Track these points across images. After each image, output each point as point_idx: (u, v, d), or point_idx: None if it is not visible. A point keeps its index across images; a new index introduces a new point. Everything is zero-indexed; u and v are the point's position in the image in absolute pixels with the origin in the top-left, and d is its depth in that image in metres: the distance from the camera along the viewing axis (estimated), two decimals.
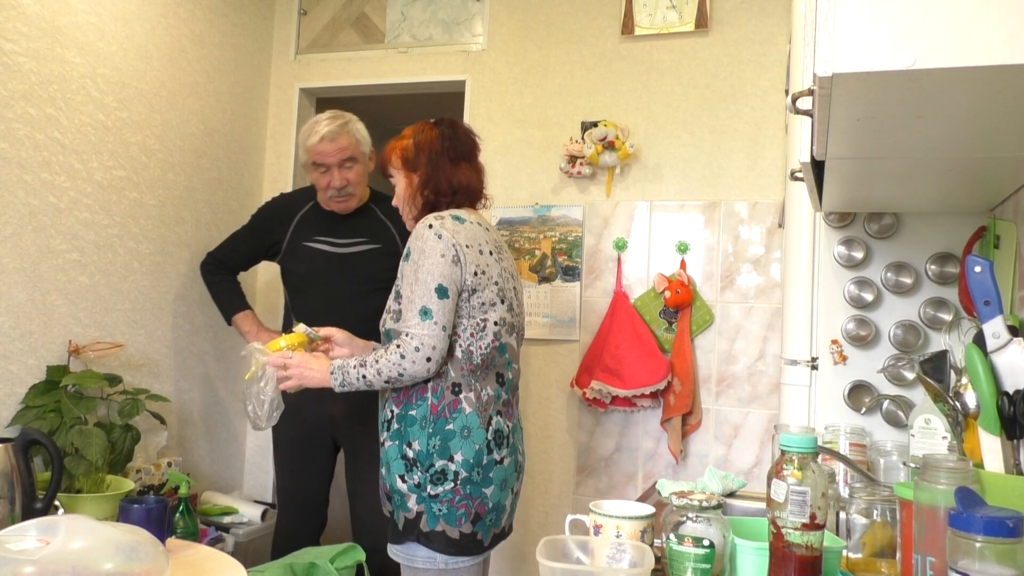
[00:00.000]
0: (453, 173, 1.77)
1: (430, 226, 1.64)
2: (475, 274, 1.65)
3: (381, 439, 1.72)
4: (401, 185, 1.80)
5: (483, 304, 1.67)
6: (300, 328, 1.87)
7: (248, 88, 3.23)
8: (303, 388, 1.79)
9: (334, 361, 1.72)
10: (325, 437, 2.44)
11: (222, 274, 2.63)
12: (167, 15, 2.75)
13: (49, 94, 2.27)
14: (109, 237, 2.50)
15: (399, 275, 1.70)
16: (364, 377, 1.64)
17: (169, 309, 2.78)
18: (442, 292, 1.60)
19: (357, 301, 2.37)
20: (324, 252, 2.44)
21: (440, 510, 1.62)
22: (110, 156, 2.50)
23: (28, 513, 1.68)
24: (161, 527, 1.71)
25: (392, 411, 1.70)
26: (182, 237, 2.84)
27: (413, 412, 1.66)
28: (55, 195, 2.30)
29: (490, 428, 1.67)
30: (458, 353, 1.66)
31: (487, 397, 1.68)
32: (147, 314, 2.68)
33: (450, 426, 1.63)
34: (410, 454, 1.64)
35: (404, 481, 1.64)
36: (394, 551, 1.70)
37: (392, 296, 1.73)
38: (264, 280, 3.25)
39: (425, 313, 1.59)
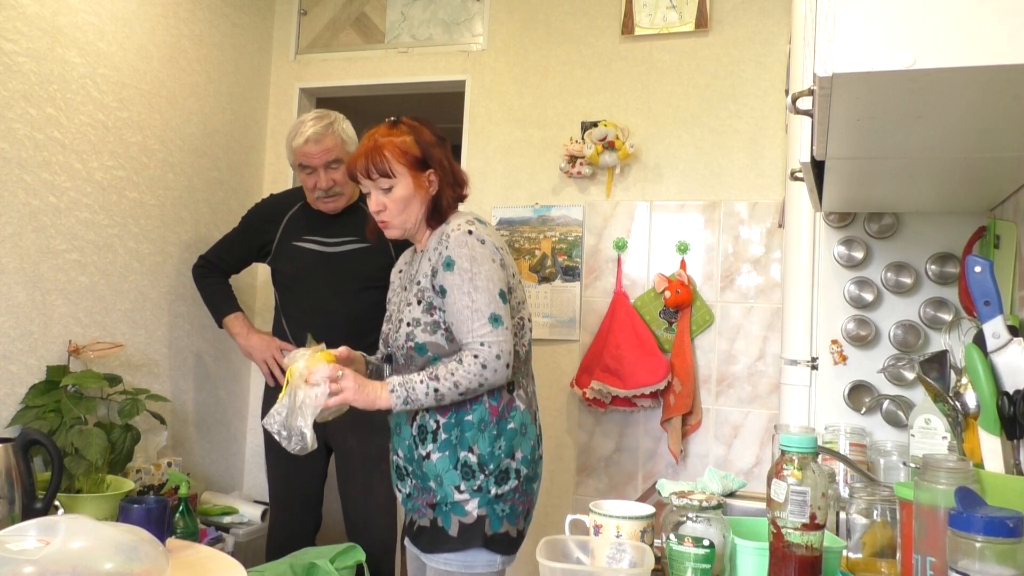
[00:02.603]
0: (459, 168, 1.76)
1: (470, 232, 1.59)
2: (513, 275, 1.66)
3: (422, 451, 1.61)
4: (406, 186, 1.66)
5: (519, 303, 1.67)
6: (315, 346, 1.69)
7: (248, 88, 3.23)
8: (346, 408, 1.61)
9: (392, 379, 1.57)
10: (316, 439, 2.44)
11: (214, 276, 2.63)
12: (167, 15, 2.75)
13: (49, 94, 2.27)
14: (109, 237, 2.50)
15: (431, 286, 1.61)
16: (436, 391, 1.53)
17: (169, 309, 2.78)
18: (504, 297, 1.58)
19: (346, 300, 2.37)
20: (313, 251, 2.44)
21: (503, 510, 1.59)
22: (110, 156, 2.50)
23: (28, 513, 1.68)
24: (161, 527, 1.71)
25: (437, 421, 1.61)
26: (182, 237, 2.84)
27: (469, 417, 1.59)
28: (55, 195, 2.30)
29: (537, 424, 1.69)
30: None
31: (531, 392, 1.70)
32: (147, 314, 2.68)
33: (511, 425, 1.62)
34: (472, 459, 1.58)
35: (462, 491, 1.58)
36: (447, 560, 1.58)
37: (420, 307, 1.62)
38: (263, 279, 3.25)
39: (496, 320, 1.55)
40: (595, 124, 2.90)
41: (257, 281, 3.25)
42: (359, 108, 3.79)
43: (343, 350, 1.67)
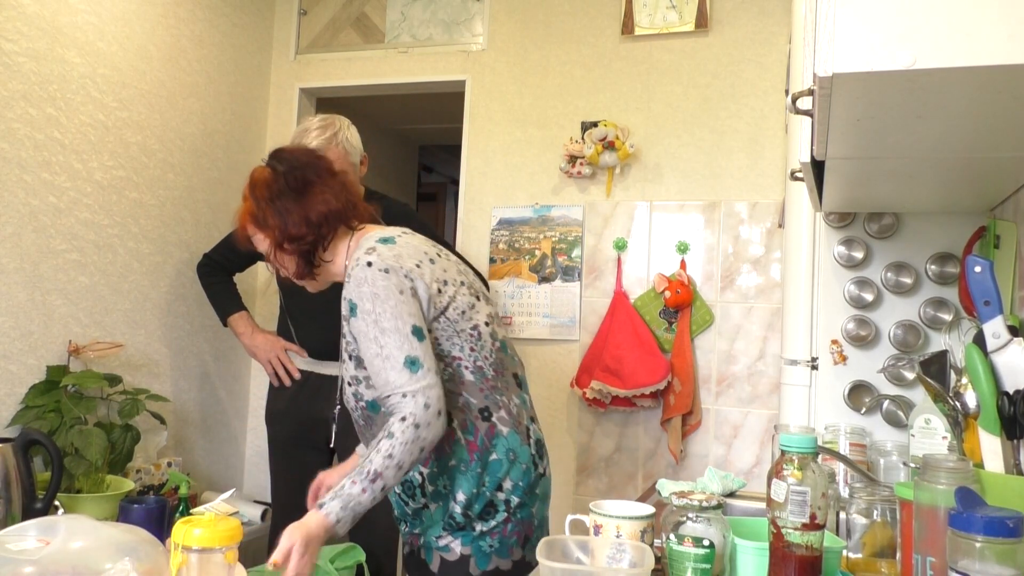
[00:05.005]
0: (306, 206, 1.48)
1: (369, 264, 1.38)
2: (439, 291, 1.42)
3: (416, 505, 1.48)
4: (266, 246, 1.53)
5: (464, 312, 1.45)
6: (219, 508, 1.40)
7: (248, 88, 3.23)
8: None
9: (328, 504, 1.30)
10: (319, 438, 2.44)
11: (218, 275, 2.63)
12: (167, 15, 2.75)
13: (49, 94, 2.27)
14: (109, 237, 2.50)
15: (352, 337, 1.42)
16: (384, 488, 1.29)
17: (169, 309, 2.78)
18: (419, 333, 1.35)
19: None
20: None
21: (491, 546, 1.44)
22: (110, 156, 2.50)
23: (28, 513, 1.68)
24: (161, 527, 1.72)
25: (421, 473, 1.45)
26: (182, 237, 2.84)
27: (452, 463, 1.43)
28: (55, 195, 2.30)
29: (531, 441, 1.49)
30: (468, 376, 1.45)
31: (516, 408, 1.49)
32: (147, 314, 2.68)
33: (494, 456, 1.43)
34: (457, 510, 1.43)
35: (443, 538, 1.46)
36: None
37: (352, 363, 1.46)
38: (264, 279, 3.25)
39: (413, 363, 1.33)
40: (595, 124, 2.90)
41: (257, 282, 3.25)
42: (359, 108, 3.79)
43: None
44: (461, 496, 1.42)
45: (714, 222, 2.82)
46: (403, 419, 1.30)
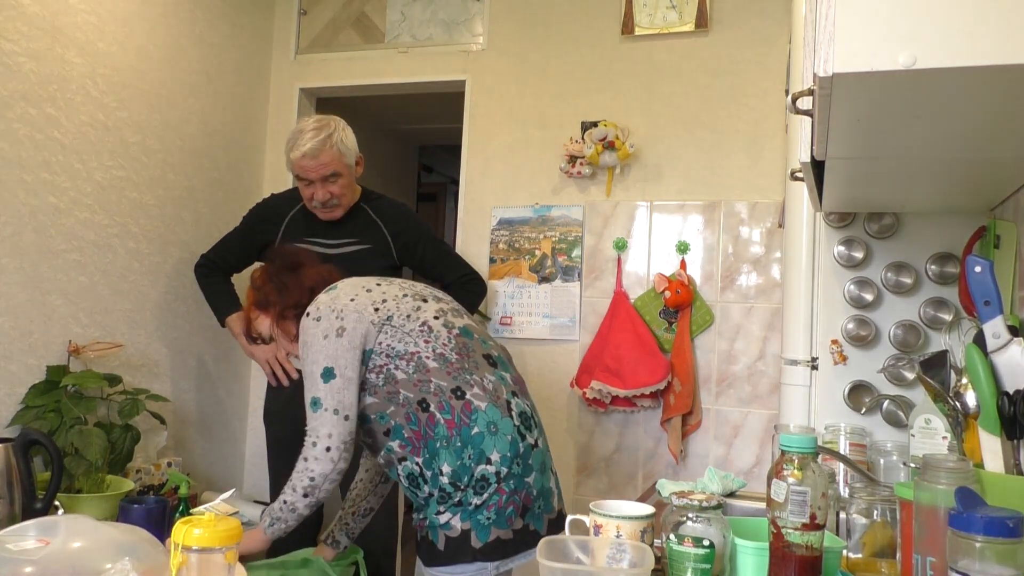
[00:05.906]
0: (301, 277, 1.74)
1: (307, 314, 1.59)
2: (376, 309, 1.58)
3: (424, 494, 1.55)
4: (265, 325, 1.76)
5: (409, 315, 1.60)
6: (219, 508, 1.62)
7: (248, 88, 3.23)
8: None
9: (266, 511, 1.60)
10: None
11: (216, 276, 2.63)
12: (167, 15, 2.75)
13: (49, 94, 2.27)
14: (109, 237, 2.50)
15: None
16: (286, 503, 1.54)
17: (169, 309, 2.78)
18: (328, 375, 1.52)
19: None
20: (315, 253, 2.44)
21: (489, 518, 1.50)
22: (110, 156, 2.50)
23: (28, 513, 1.68)
24: (161, 527, 1.72)
25: (417, 463, 1.54)
26: (182, 237, 2.84)
27: (437, 444, 1.52)
28: (55, 195, 2.30)
29: (514, 413, 1.56)
30: (432, 363, 1.56)
31: (492, 384, 1.58)
32: (147, 314, 2.68)
33: (475, 429, 1.51)
34: (445, 482, 1.50)
35: (441, 512, 1.52)
36: (439, 571, 1.53)
37: None
38: None
39: (315, 404, 1.51)
40: (595, 124, 2.90)
41: None
42: (359, 108, 3.79)
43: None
44: (447, 468, 1.51)
45: (714, 222, 2.82)
46: (301, 454, 1.52)
